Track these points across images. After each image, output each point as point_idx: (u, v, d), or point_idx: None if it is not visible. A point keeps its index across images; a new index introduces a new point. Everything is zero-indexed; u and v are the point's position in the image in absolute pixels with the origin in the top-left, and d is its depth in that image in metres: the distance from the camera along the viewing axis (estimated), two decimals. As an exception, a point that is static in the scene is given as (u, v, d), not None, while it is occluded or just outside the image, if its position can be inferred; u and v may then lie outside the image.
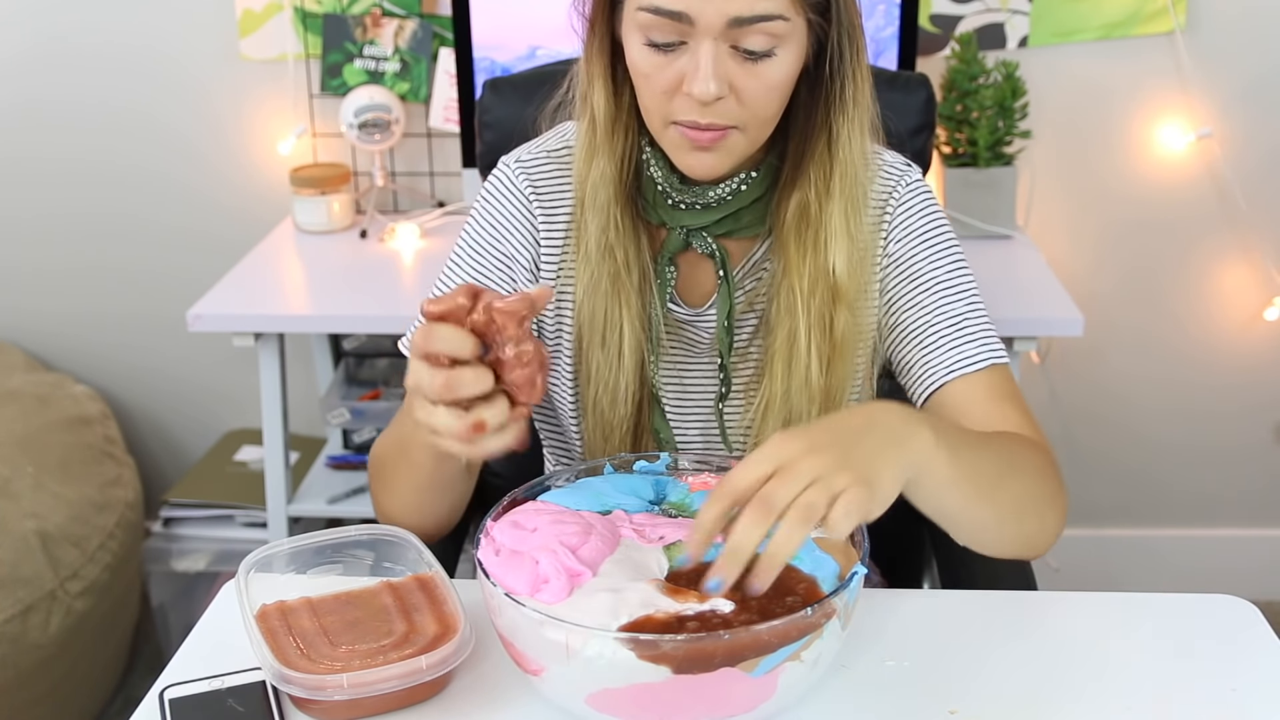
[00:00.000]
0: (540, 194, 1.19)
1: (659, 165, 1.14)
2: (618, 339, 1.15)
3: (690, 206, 1.14)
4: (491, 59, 2.06)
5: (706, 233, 1.15)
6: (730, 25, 1.00)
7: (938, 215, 1.19)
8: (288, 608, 1.00)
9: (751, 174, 1.13)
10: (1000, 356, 1.14)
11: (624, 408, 1.17)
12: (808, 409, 1.14)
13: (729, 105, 1.04)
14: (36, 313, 2.45)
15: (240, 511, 2.26)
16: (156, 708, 0.94)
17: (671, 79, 1.04)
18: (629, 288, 1.15)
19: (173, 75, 2.27)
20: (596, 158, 1.14)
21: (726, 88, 1.03)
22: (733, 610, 0.86)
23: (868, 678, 0.97)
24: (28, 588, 1.88)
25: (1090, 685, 0.97)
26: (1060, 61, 2.19)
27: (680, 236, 1.15)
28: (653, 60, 1.04)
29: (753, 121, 1.06)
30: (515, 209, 1.20)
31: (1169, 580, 2.44)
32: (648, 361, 1.17)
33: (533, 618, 0.85)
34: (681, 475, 1.06)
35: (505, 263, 1.20)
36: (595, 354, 1.16)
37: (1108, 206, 2.27)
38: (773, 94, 1.05)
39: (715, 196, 1.13)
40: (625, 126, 1.13)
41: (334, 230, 2.20)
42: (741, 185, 1.13)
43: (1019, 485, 1.04)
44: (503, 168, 1.21)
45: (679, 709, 0.85)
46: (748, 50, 1.02)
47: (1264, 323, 2.32)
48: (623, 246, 1.14)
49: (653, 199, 1.15)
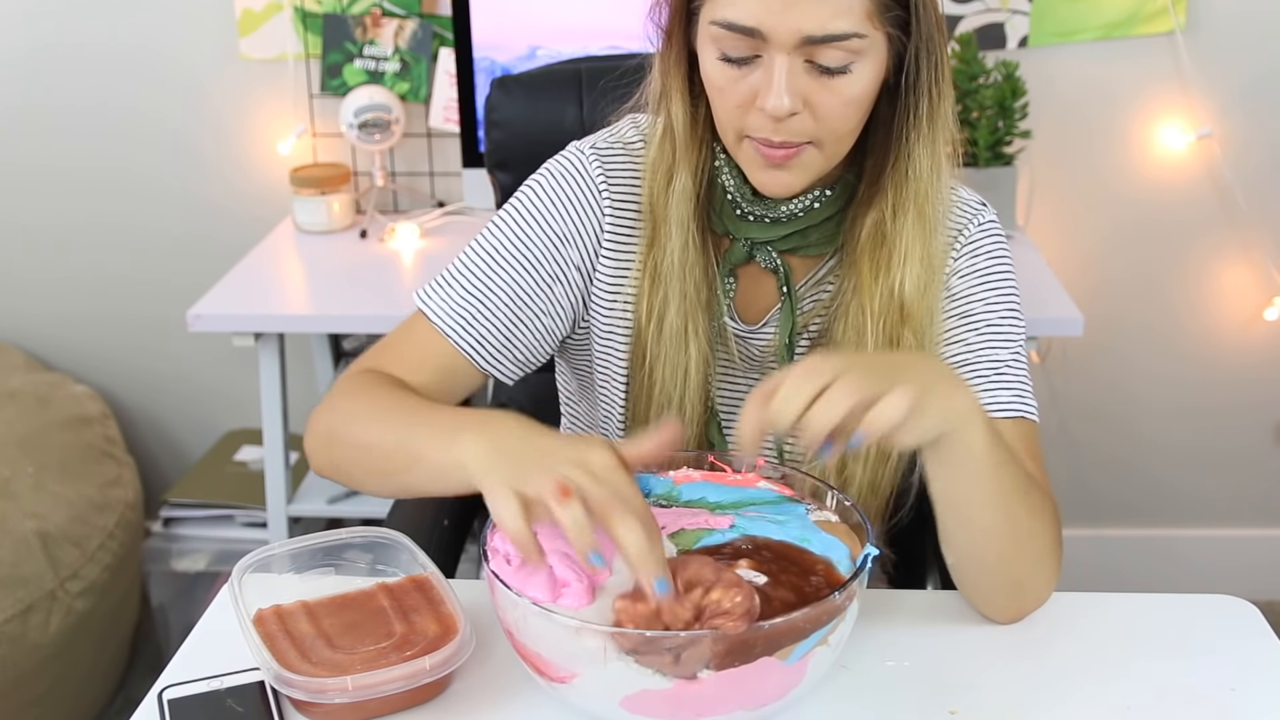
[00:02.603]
0: (612, 185, 1.15)
1: (732, 175, 1.11)
2: (684, 358, 1.13)
3: (759, 220, 1.11)
4: (491, 59, 2.06)
5: (772, 247, 1.12)
6: (804, 42, 0.98)
7: (1004, 259, 1.16)
8: (284, 612, 0.99)
9: (826, 191, 1.10)
10: (1031, 413, 1.11)
11: (690, 429, 1.14)
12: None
13: (803, 121, 1.02)
14: (36, 313, 2.45)
15: (240, 511, 2.26)
16: (156, 708, 0.94)
17: (745, 93, 1.01)
18: (698, 306, 1.12)
19: (173, 75, 2.27)
20: (678, 171, 1.11)
21: (800, 103, 1.00)
22: (766, 582, 0.86)
23: (868, 678, 0.97)
24: (28, 588, 1.88)
25: (1090, 685, 0.97)
26: (1060, 61, 2.19)
27: (744, 248, 1.13)
28: (727, 74, 1.02)
29: (829, 137, 1.04)
30: (584, 192, 1.14)
31: (1169, 580, 2.45)
32: (711, 378, 1.14)
33: (568, 625, 0.84)
34: (662, 471, 1.05)
35: (555, 243, 1.14)
36: (659, 370, 1.14)
37: (1108, 206, 2.27)
38: (849, 109, 1.02)
39: (787, 212, 1.10)
40: (701, 139, 1.11)
41: (334, 230, 2.20)
42: (815, 203, 1.10)
43: (1035, 510, 1.01)
44: (575, 152, 1.17)
45: (718, 703, 0.85)
46: (823, 66, 1.00)
47: (1264, 322, 2.32)
48: (699, 264, 1.12)
49: (720, 208, 1.13)
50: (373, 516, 2.05)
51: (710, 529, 0.94)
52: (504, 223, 1.15)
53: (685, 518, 0.96)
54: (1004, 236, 1.17)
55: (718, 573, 0.85)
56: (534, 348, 1.16)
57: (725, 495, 1.00)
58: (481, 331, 1.12)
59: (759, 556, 0.91)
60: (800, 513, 0.98)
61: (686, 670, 0.83)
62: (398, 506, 1.37)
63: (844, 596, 0.86)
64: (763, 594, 0.86)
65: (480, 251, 1.14)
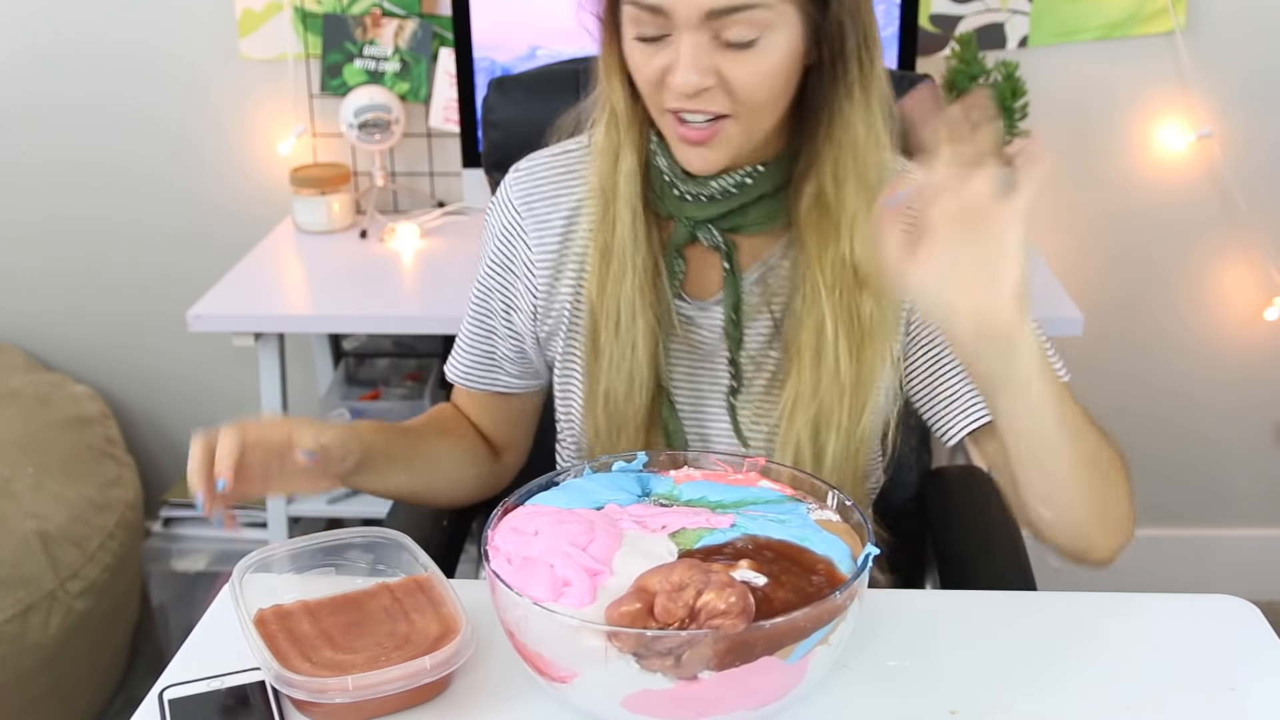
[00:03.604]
0: (530, 200, 1.21)
1: (665, 155, 1.13)
2: (633, 330, 1.15)
3: (695, 199, 1.13)
4: (491, 59, 2.06)
5: (713, 226, 1.14)
6: (708, 17, 1.00)
7: None
8: (284, 612, 0.99)
9: (758, 167, 1.12)
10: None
11: (639, 398, 1.17)
12: (838, 402, 1.13)
13: (716, 95, 1.03)
14: (36, 313, 2.45)
15: (240, 511, 2.25)
16: (156, 708, 0.94)
17: (658, 70, 1.04)
18: (645, 280, 1.15)
19: (173, 75, 2.27)
20: (623, 152, 1.14)
21: (712, 78, 1.02)
22: (767, 584, 0.87)
23: (868, 678, 0.97)
24: (28, 588, 1.88)
25: (1090, 685, 0.97)
26: (1060, 61, 2.19)
27: (687, 229, 1.15)
28: (642, 52, 1.05)
29: (744, 110, 1.05)
30: (507, 220, 1.23)
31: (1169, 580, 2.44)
32: (660, 352, 1.17)
33: (569, 624, 0.84)
34: (662, 470, 1.06)
35: (501, 273, 1.24)
36: (610, 345, 1.17)
37: (1108, 206, 2.27)
38: (761, 81, 1.03)
39: (719, 188, 1.12)
40: (642, 120, 1.13)
41: (334, 230, 2.20)
42: (746, 179, 1.12)
43: (1108, 464, 1.07)
44: (503, 182, 1.24)
45: (719, 702, 0.85)
46: (730, 40, 1.01)
47: (1264, 322, 2.32)
48: (635, 238, 1.15)
49: (660, 190, 1.15)
50: (373, 516, 2.05)
51: (711, 528, 0.94)
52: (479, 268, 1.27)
53: (686, 517, 0.96)
54: None
55: (707, 574, 0.85)
56: (532, 365, 1.27)
57: (726, 494, 1.00)
58: (485, 376, 1.28)
59: (760, 556, 0.91)
60: (801, 512, 0.98)
61: (687, 672, 0.83)
62: (397, 507, 1.37)
63: (845, 596, 0.86)
64: (764, 594, 0.86)
65: (470, 302, 1.28)
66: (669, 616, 0.83)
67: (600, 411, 1.19)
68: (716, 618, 0.83)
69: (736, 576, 0.86)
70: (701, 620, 0.83)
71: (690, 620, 0.83)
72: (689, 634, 0.82)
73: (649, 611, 0.84)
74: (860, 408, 1.14)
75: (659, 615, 0.84)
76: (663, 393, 1.18)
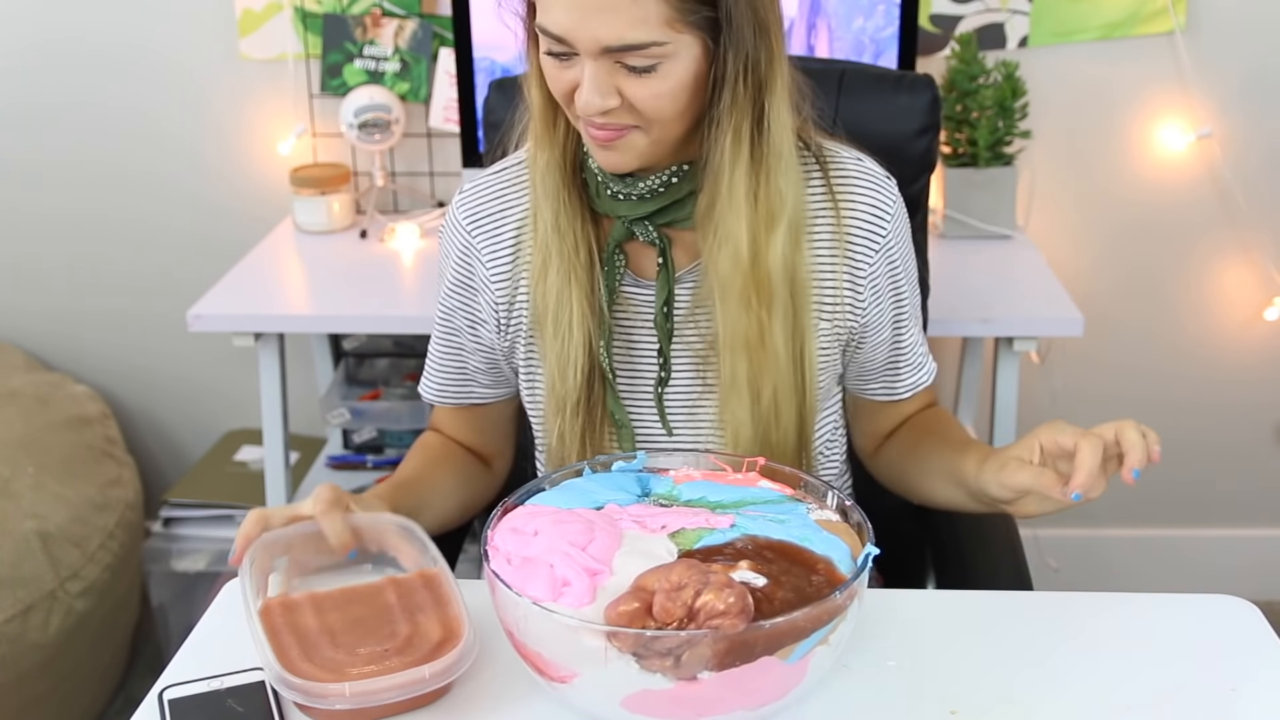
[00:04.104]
0: (477, 219, 1.25)
1: (592, 156, 1.16)
2: (568, 316, 1.18)
3: (627, 198, 1.16)
4: (491, 59, 2.06)
5: (648, 222, 1.17)
6: (605, 51, 1.03)
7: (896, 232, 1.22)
8: (291, 603, 1.00)
9: (684, 166, 1.15)
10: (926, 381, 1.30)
11: (573, 378, 1.19)
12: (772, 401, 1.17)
13: (621, 112, 1.07)
14: (36, 313, 2.45)
15: (240, 511, 2.26)
16: (156, 708, 0.94)
17: (567, 86, 1.08)
18: (578, 267, 1.18)
19: (173, 75, 2.27)
20: (540, 148, 1.18)
21: (615, 98, 1.06)
22: (767, 584, 0.87)
23: (868, 678, 0.98)
24: (28, 588, 1.88)
25: (1090, 685, 0.97)
26: (1060, 61, 2.18)
27: (623, 226, 1.18)
28: (552, 65, 1.08)
29: (650, 125, 1.08)
30: (458, 241, 1.26)
31: (1169, 580, 2.44)
32: (594, 337, 1.19)
33: (568, 624, 0.84)
34: (663, 471, 1.06)
35: (461, 293, 1.27)
36: (547, 332, 1.20)
37: (1108, 206, 2.27)
38: (662, 101, 1.06)
39: (646, 188, 1.15)
40: (563, 117, 1.16)
41: (334, 230, 2.20)
42: (672, 178, 1.15)
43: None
44: (453, 202, 1.28)
45: (718, 702, 0.85)
46: (630, 66, 1.04)
47: (1264, 322, 2.32)
48: (571, 230, 1.18)
49: (595, 190, 1.19)
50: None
51: (711, 528, 0.94)
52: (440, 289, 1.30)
53: (686, 517, 0.96)
54: (889, 206, 1.21)
55: (706, 575, 0.85)
56: (503, 374, 1.31)
57: (726, 495, 1.01)
58: (464, 385, 1.32)
59: (760, 556, 0.91)
60: (801, 512, 0.98)
61: (687, 673, 0.83)
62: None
63: (845, 596, 0.86)
64: (764, 594, 0.86)
65: (435, 321, 1.31)
66: (667, 616, 0.83)
67: (550, 399, 1.22)
68: (715, 618, 0.83)
69: (736, 578, 0.86)
70: (700, 621, 0.83)
71: (689, 620, 0.83)
72: (688, 634, 0.82)
73: (647, 611, 0.84)
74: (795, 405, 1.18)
75: (657, 615, 0.84)
76: (606, 380, 1.21)
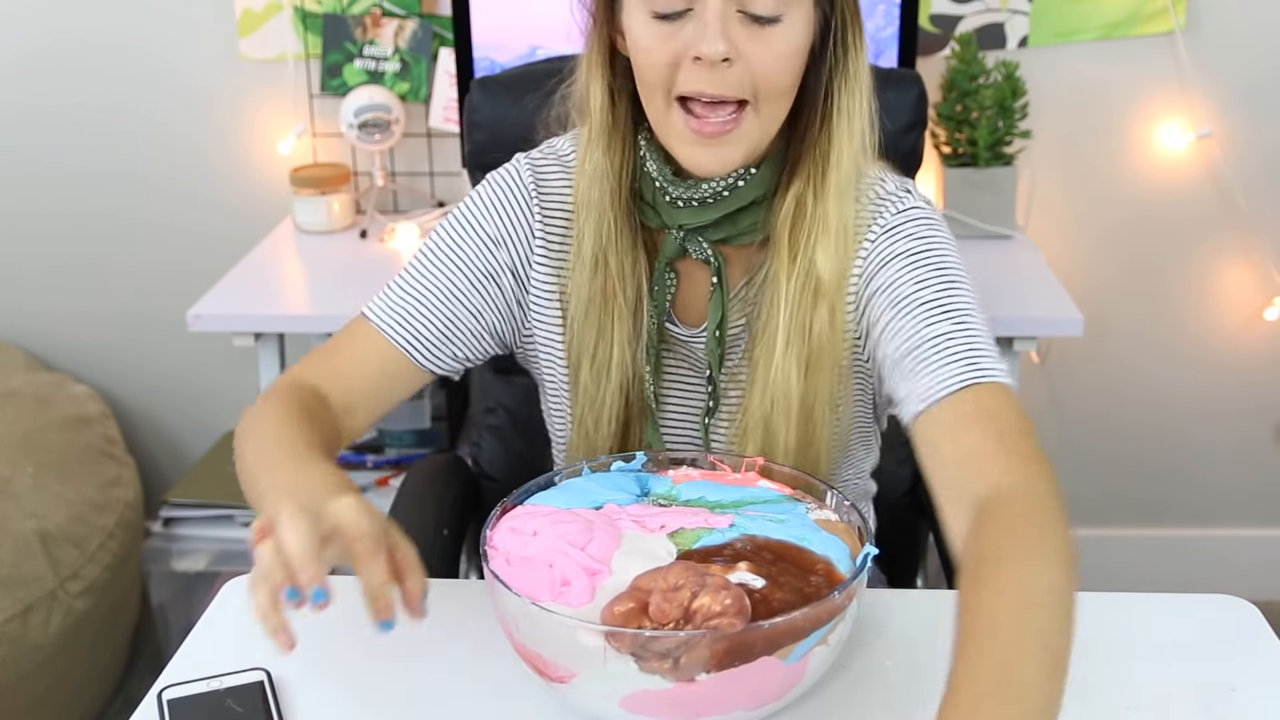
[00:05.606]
0: (544, 192, 1.17)
1: (655, 158, 1.10)
2: (607, 356, 1.13)
3: (687, 203, 1.09)
4: (491, 59, 2.06)
5: (703, 237, 1.11)
6: None
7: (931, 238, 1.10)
8: None
9: (752, 170, 1.09)
10: (992, 375, 1.00)
11: (608, 427, 1.15)
12: (785, 423, 1.11)
13: (739, 73, 1.02)
14: (36, 313, 2.45)
15: (240, 512, 2.26)
16: (156, 708, 0.94)
17: (677, 49, 1.02)
18: (622, 303, 1.12)
19: (172, 75, 2.27)
20: (592, 151, 1.12)
21: (736, 51, 1.01)
22: (765, 585, 0.86)
23: (868, 678, 0.97)
24: (28, 588, 1.88)
25: (1091, 685, 0.97)
26: (1060, 61, 2.18)
27: (676, 241, 1.12)
28: (658, 32, 1.02)
29: (764, 94, 1.03)
30: (516, 199, 1.17)
31: (1169, 580, 2.44)
32: (630, 382, 1.14)
33: (566, 624, 0.84)
34: (662, 470, 1.06)
35: (488, 244, 1.17)
36: (584, 370, 1.15)
37: (1108, 206, 2.27)
38: (782, 63, 1.03)
39: (710, 190, 1.08)
40: (624, 125, 1.11)
41: (334, 230, 2.20)
42: (740, 180, 1.08)
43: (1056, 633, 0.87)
44: (512, 163, 1.20)
45: (717, 702, 0.85)
46: (755, 15, 1.01)
47: (1264, 323, 2.32)
48: (618, 255, 1.12)
49: (651, 198, 1.12)
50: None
51: (710, 528, 0.94)
52: (442, 228, 1.19)
53: (685, 517, 0.96)
54: (932, 219, 1.12)
55: (703, 577, 0.85)
56: (471, 345, 1.18)
57: (725, 494, 1.01)
58: (418, 328, 1.16)
59: (759, 556, 0.91)
60: (800, 512, 0.98)
61: (685, 675, 0.83)
62: (395, 515, 1.36)
63: (844, 596, 0.86)
64: (762, 594, 0.86)
65: (420, 256, 1.19)
66: (663, 616, 0.83)
67: (577, 434, 1.18)
68: (714, 619, 0.83)
69: (734, 580, 0.86)
70: (697, 623, 0.83)
71: (685, 622, 0.83)
72: (686, 634, 0.82)
73: (643, 611, 0.84)
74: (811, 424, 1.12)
75: (653, 615, 0.84)
76: (648, 414, 1.16)
